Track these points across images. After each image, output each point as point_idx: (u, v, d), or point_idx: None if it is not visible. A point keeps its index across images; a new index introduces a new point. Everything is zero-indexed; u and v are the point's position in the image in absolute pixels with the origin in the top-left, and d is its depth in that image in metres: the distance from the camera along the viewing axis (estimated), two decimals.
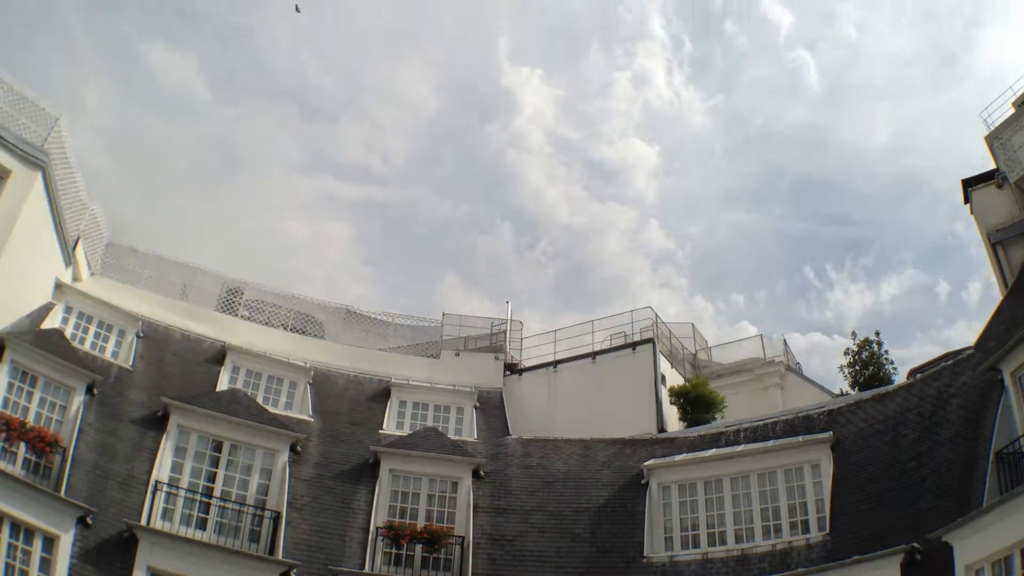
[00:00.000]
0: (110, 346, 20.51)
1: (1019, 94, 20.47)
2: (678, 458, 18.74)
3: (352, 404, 22.60)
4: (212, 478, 17.97)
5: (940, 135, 53.65)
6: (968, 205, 19.81)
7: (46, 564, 14.73)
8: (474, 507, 19.11)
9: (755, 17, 57.65)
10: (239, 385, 21.40)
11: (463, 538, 18.37)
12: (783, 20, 57.52)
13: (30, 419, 16.35)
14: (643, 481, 18.71)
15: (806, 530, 16.49)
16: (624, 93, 57.93)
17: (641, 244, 61.05)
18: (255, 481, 18.31)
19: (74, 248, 20.86)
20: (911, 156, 54.36)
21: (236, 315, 24.50)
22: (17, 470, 15.41)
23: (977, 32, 57.46)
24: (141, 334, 21.30)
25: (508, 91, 59.11)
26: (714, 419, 22.93)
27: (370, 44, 60.17)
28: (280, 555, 16.98)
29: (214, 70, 56.62)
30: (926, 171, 53.97)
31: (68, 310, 20.13)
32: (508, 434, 22.13)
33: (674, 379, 25.18)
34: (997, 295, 18.60)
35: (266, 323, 24.79)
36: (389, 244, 61.74)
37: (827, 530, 16.10)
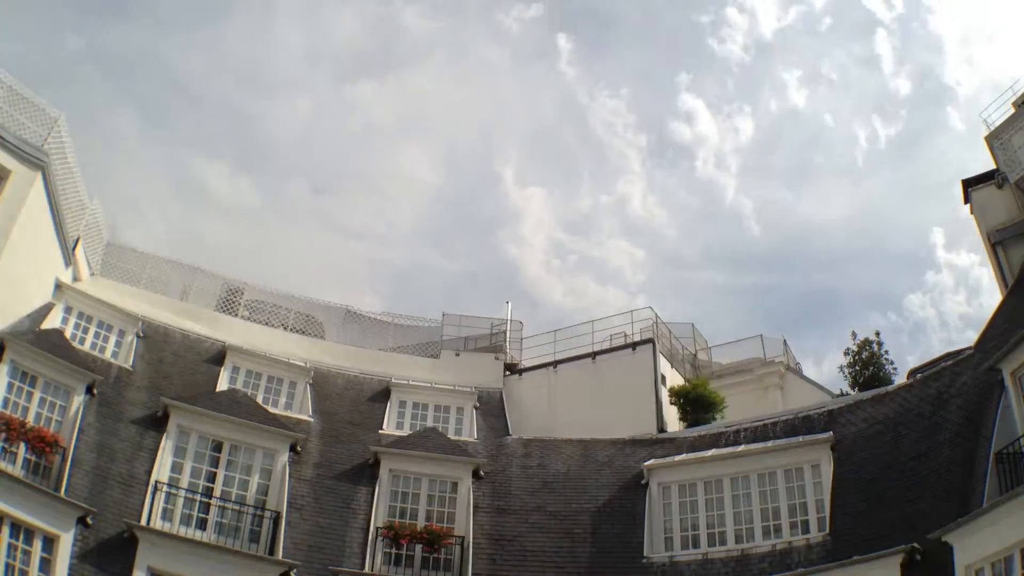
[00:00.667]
0: (110, 346, 20.50)
1: (1019, 94, 20.47)
2: (678, 458, 18.74)
3: (352, 404, 22.59)
4: (212, 478, 17.97)
5: (900, 207, 60.58)
6: (968, 205, 19.82)
7: (46, 564, 14.73)
8: (474, 507, 19.10)
9: (703, 183, 67.68)
10: (239, 385, 21.39)
11: (463, 538, 18.37)
12: (728, 184, 67.21)
13: (30, 419, 16.34)
14: (643, 481, 18.71)
15: (806, 530, 16.50)
16: (608, 210, 68.92)
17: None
18: (255, 481, 18.31)
19: (74, 248, 20.85)
20: (870, 226, 61.24)
21: (236, 315, 24.49)
22: (17, 470, 15.40)
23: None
24: (141, 334, 21.29)
25: (515, 209, 69.83)
26: (714, 419, 22.91)
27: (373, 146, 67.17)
28: (280, 555, 16.98)
29: (235, 156, 62.54)
30: (885, 242, 60.74)
31: (68, 310, 20.12)
32: (508, 434, 22.13)
33: (674, 379, 25.17)
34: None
35: (266, 323, 24.77)
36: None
37: (827, 530, 16.10)
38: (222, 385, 21.10)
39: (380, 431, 21.57)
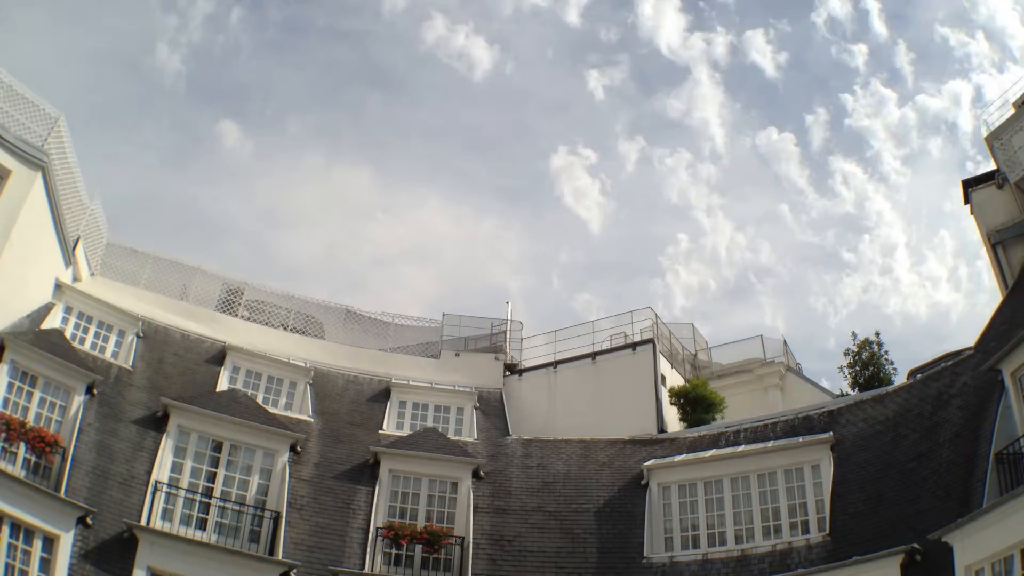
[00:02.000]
0: (110, 346, 20.50)
1: (1019, 95, 20.47)
2: (678, 458, 18.74)
3: (352, 404, 22.59)
4: (212, 478, 17.96)
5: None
6: (968, 206, 19.82)
7: (46, 564, 14.73)
8: (474, 507, 19.10)
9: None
10: (239, 385, 21.38)
11: (463, 538, 18.37)
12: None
13: (30, 419, 16.33)
14: (643, 481, 18.71)
15: (806, 530, 16.50)
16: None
17: None
18: (255, 481, 18.30)
19: (74, 248, 20.84)
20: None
21: (236, 315, 24.46)
22: (17, 470, 15.40)
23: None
24: (141, 334, 21.29)
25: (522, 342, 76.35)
26: (714, 419, 22.91)
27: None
28: (280, 555, 16.98)
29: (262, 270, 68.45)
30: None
31: (68, 310, 20.12)
32: (508, 434, 22.12)
33: (674, 379, 25.16)
34: None
35: (266, 323, 24.76)
36: None
37: (827, 530, 16.09)
38: (222, 385, 21.10)
39: (380, 431, 21.57)
